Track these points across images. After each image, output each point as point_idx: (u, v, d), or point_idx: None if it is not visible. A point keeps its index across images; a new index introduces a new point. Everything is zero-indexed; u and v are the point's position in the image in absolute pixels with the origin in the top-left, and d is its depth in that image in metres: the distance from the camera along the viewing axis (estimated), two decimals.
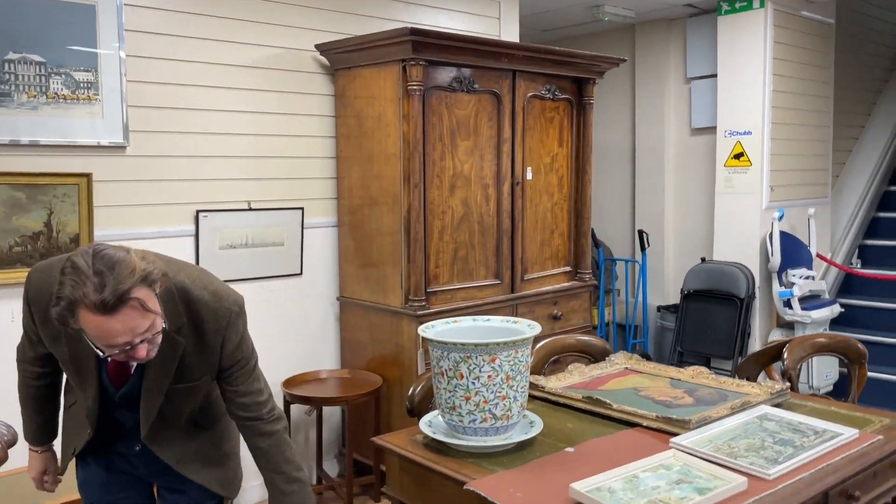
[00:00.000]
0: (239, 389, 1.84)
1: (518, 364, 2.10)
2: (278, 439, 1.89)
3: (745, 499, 1.75)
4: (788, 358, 2.77)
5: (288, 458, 1.90)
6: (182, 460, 1.89)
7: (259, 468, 1.90)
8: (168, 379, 1.77)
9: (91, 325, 1.50)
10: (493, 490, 1.85)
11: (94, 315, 1.48)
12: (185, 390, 1.82)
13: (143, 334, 1.55)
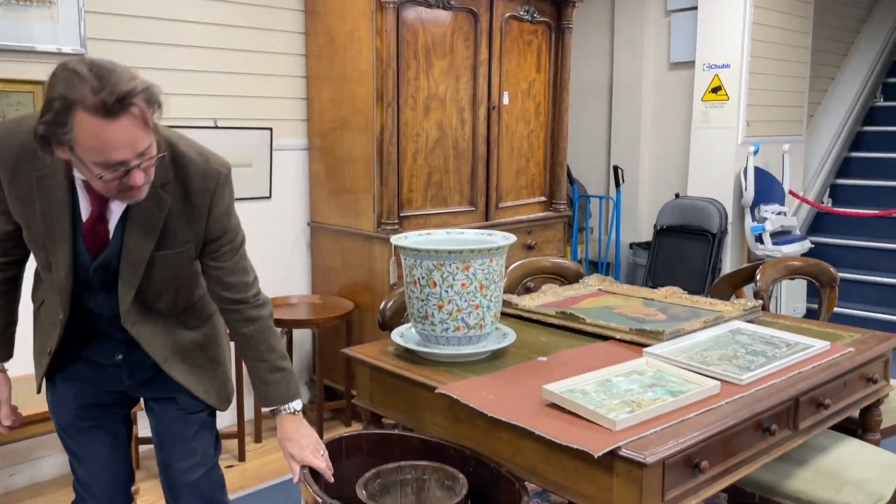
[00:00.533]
0: (225, 266, 1.69)
1: (492, 273, 2.05)
2: (263, 325, 1.76)
3: (718, 401, 1.75)
4: (761, 279, 2.77)
5: (272, 346, 1.78)
6: (169, 360, 1.73)
7: (243, 359, 1.79)
8: (151, 243, 1.59)
9: (88, 132, 1.32)
10: (465, 393, 1.82)
11: (93, 118, 1.31)
12: (168, 259, 1.64)
13: (141, 155, 1.38)
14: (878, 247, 5.36)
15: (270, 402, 1.76)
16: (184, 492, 1.68)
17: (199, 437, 1.75)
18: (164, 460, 1.76)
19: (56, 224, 1.54)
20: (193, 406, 1.77)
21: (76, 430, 1.76)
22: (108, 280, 1.62)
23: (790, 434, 1.90)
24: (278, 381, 1.76)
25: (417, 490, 1.83)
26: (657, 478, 1.53)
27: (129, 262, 1.60)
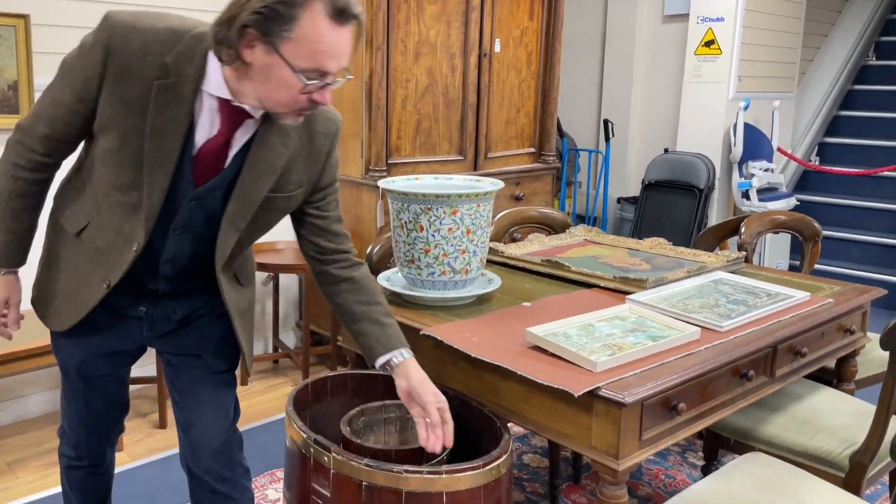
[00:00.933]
0: (330, 215, 1.63)
1: (479, 218, 2.06)
2: (368, 272, 1.70)
3: (697, 347, 1.78)
4: (746, 232, 2.79)
5: (380, 290, 1.71)
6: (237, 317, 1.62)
7: (351, 311, 1.67)
8: (269, 182, 1.47)
9: (315, 31, 1.26)
10: (450, 335, 1.84)
11: (325, 18, 1.25)
12: (277, 203, 1.53)
13: (339, 73, 1.34)
14: (863, 205, 5.40)
15: (391, 345, 1.65)
16: (205, 454, 1.64)
17: (223, 399, 1.67)
18: (187, 420, 1.66)
19: (166, 141, 1.37)
20: (218, 365, 1.67)
21: (81, 376, 1.66)
22: (196, 216, 1.48)
23: (767, 380, 1.94)
24: (394, 325, 1.69)
25: (401, 428, 1.86)
26: (635, 418, 1.56)
27: (241, 200, 1.47)
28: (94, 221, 1.49)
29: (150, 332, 1.62)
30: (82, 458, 1.77)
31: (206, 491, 1.65)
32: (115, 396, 1.73)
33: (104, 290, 1.50)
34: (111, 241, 1.48)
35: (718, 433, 2.14)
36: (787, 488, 1.72)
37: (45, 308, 1.61)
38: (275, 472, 2.65)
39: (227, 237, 1.51)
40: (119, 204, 1.44)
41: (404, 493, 1.48)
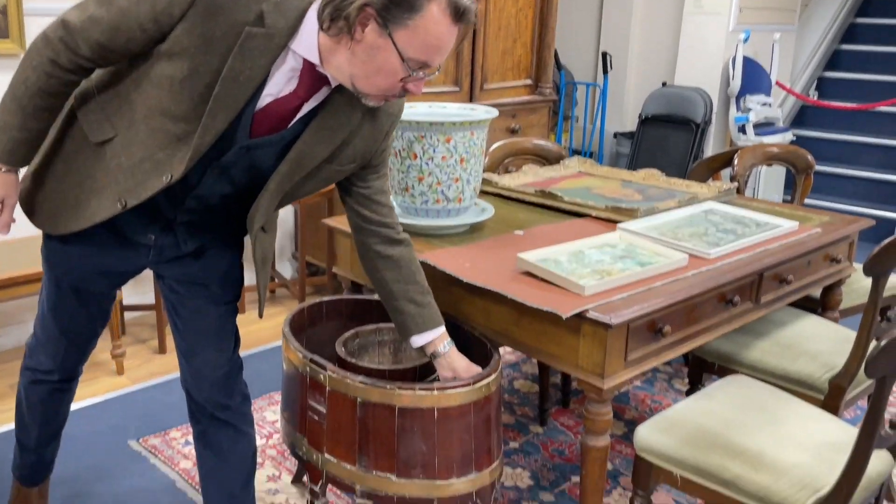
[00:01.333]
0: (375, 186, 1.63)
1: (473, 147, 2.07)
2: (410, 248, 1.70)
3: (684, 273, 1.82)
4: (739, 164, 2.80)
5: (421, 270, 1.71)
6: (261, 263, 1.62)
7: (388, 289, 1.69)
8: (327, 150, 1.47)
9: (434, 27, 1.28)
10: (442, 261, 1.88)
11: (447, 16, 1.28)
12: (328, 173, 1.53)
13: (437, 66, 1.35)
14: (859, 141, 5.39)
15: (427, 325, 1.68)
16: (207, 384, 1.67)
17: (226, 328, 1.68)
18: (189, 348, 1.67)
19: (238, 89, 1.34)
20: (224, 296, 1.67)
21: (73, 289, 1.63)
22: (240, 163, 1.45)
23: (752, 307, 1.99)
24: (432, 304, 1.70)
25: (394, 351, 1.92)
26: (621, 339, 1.61)
27: (295, 163, 1.46)
28: (122, 137, 1.42)
29: (156, 257, 1.60)
30: (53, 371, 1.75)
31: (206, 416, 1.70)
32: (103, 312, 1.72)
33: (118, 209, 1.44)
34: (137, 164, 1.41)
35: (703, 358, 2.20)
36: (767, 407, 1.78)
37: (38, 205, 1.52)
38: (272, 395, 2.73)
39: (272, 197, 1.50)
40: (162, 131, 1.39)
41: (397, 409, 1.54)
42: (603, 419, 1.65)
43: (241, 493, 1.73)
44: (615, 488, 2.28)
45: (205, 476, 1.74)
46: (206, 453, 1.72)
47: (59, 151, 1.49)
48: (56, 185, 1.50)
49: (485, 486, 1.63)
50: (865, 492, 1.57)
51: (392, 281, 1.68)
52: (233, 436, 1.70)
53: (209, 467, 1.72)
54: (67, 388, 1.82)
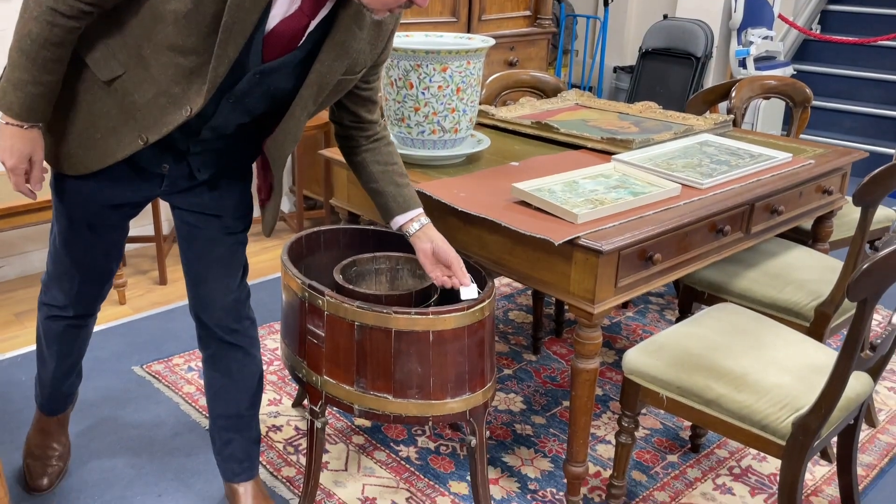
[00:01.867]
0: (375, 86, 1.66)
1: (469, 77, 2.06)
2: (389, 135, 1.77)
3: (677, 202, 1.84)
4: (736, 96, 2.79)
5: (398, 153, 1.77)
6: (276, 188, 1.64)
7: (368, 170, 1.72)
8: (343, 65, 1.47)
9: None
10: (438, 191, 1.90)
11: None
12: (344, 84, 1.54)
13: None
14: (859, 76, 5.34)
15: (408, 205, 1.72)
16: (217, 309, 1.71)
17: (236, 258, 1.71)
18: (199, 275, 1.69)
19: (246, 14, 1.32)
20: (236, 226, 1.69)
21: (88, 224, 1.63)
22: (255, 89, 1.45)
23: (742, 236, 2.02)
24: (410, 186, 1.75)
25: (391, 278, 1.96)
26: (611, 266, 1.65)
27: (316, 84, 1.46)
28: (130, 73, 1.41)
29: (169, 187, 1.60)
30: (67, 308, 1.75)
31: (216, 340, 1.74)
32: (117, 246, 1.74)
33: (139, 145, 1.45)
34: (152, 99, 1.41)
35: (693, 287, 2.25)
36: (753, 332, 1.84)
37: (55, 147, 1.51)
38: (272, 325, 2.79)
39: (297, 122, 1.51)
40: (174, 65, 1.37)
41: (393, 332, 1.59)
42: (592, 343, 1.70)
43: (248, 413, 1.80)
44: (605, 412, 2.36)
45: (213, 397, 1.80)
46: (215, 376, 1.78)
47: (70, 94, 1.48)
48: (71, 127, 1.49)
49: (478, 406, 1.69)
50: (844, 412, 1.64)
51: (372, 162, 1.72)
52: (241, 358, 1.76)
53: (217, 388, 1.78)
54: (84, 324, 1.83)
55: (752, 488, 2.04)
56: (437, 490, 1.99)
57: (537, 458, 2.13)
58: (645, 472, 2.09)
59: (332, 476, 2.03)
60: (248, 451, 1.82)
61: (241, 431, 1.80)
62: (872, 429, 2.31)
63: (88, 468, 2.01)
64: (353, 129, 1.71)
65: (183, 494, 1.95)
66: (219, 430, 1.81)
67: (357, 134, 1.71)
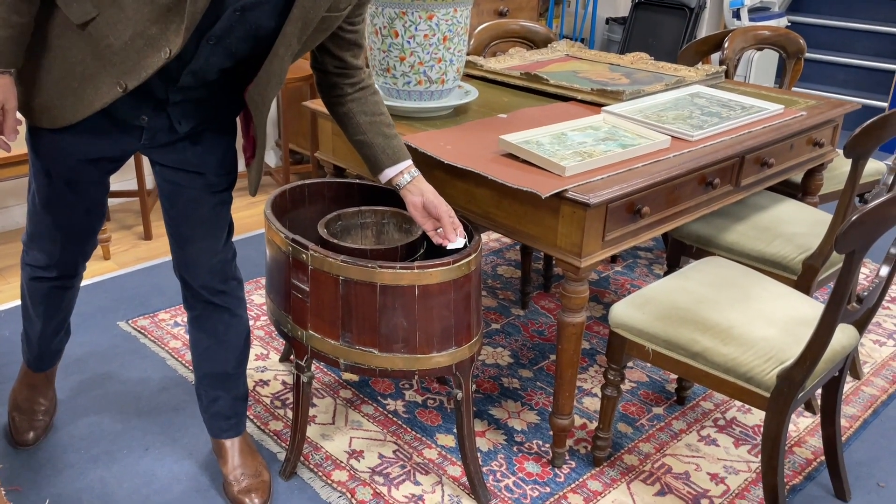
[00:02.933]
0: (360, 29, 1.58)
1: (456, 25, 2.01)
2: (374, 83, 1.70)
3: (666, 154, 1.82)
4: (729, 47, 2.75)
5: (382, 100, 1.70)
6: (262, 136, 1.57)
7: (355, 121, 1.67)
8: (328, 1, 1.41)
9: None
10: (424, 143, 1.87)
11: None
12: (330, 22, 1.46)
13: None
14: (854, 27, 5.26)
15: (398, 157, 1.67)
16: (203, 270, 1.67)
17: (221, 218, 1.66)
18: (183, 236, 1.65)
19: None
20: (220, 184, 1.64)
21: (66, 181, 1.58)
22: (235, 29, 1.38)
23: (731, 189, 2.00)
24: (399, 136, 1.69)
25: (377, 233, 1.93)
26: (599, 219, 1.63)
27: (300, 21, 1.39)
28: (104, 15, 1.34)
29: (149, 141, 1.55)
30: (50, 268, 1.72)
31: (201, 301, 1.71)
32: (98, 203, 1.68)
33: (118, 93, 1.38)
34: (129, 42, 1.34)
35: (681, 241, 2.24)
36: (740, 285, 1.83)
37: (31, 101, 1.45)
38: (259, 280, 2.77)
39: (281, 62, 1.44)
40: (148, 3, 1.31)
41: (378, 287, 1.57)
42: (579, 297, 1.69)
43: (235, 373, 1.79)
44: (591, 366, 2.37)
45: (199, 357, 1.78)
46: (202, 336, 1.75)
47: (42, 41, 1.41)
48: (46, 77, 1.42)
49: (464, 360, 1.69)
50: (829, 364, 1.65)
51: (359, 113, 1.66)
52: (228, 320, 1.73)
53: (204, 349, 1.76)
54: (69, 285, 1.79)
55: (737, 440, 2.06)
56: (424, 443, 2.00)
57: (524, 410, 2.15)
58: (630, 424, 2.11)
59: (320, 429, 2.03)
60: (236, 408, 1.82)
61: (229, 389, 1.79)
62: (857, 381, 2.33)
63: (75, 424, 2.01)
64: (338, 77, 1.64)
65: (170, 449, 1.95)
66: (205, 389, 1.80)
67: (341, 82, 1.65)
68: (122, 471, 1.87)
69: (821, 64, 5.20)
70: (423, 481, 1.87)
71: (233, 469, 1.80)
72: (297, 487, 1.84)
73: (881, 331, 2.62)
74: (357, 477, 1.87)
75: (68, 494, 1.79)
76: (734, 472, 1.94)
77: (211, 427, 1.84)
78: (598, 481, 1.89)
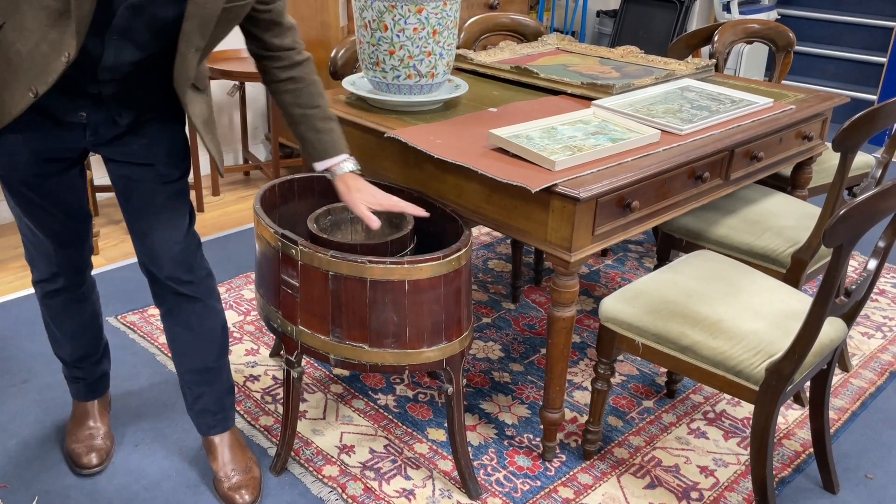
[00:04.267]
0: (275, 8, 1.54)
1: (446, 19, 2.00)
2: (312, 68, 1.64)
3: (656, 148, 1.82)
4: (718, 41, 2.75)
5: (322, 92, 1.67)
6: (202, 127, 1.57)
7: (290, 113, 1.67)
8: None
9: None
10: (414, 137, 1.86)
11: None
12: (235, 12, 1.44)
13: None
14: (844, 20, 5.28)
15: (328, 153, 1.67)
16: (166, 261, 1.65)
17: (178, 206, 1.65)
18: (142, 230, 1.65)
19: None
20: (171, 174, 1.63)
21: (27, 185, 1.57)
22: (135, 23, 1.37)
23: (721, 183, 2.00)
24: (333, 130, 1.67)
25: (367, 227, 1.92)
26: (589, 213, 1.63)
27: (197, 17, 1.38)
28: (10, 22, 1.36)
29: (93, 137, 1.54)
30: (55, 278, 1.72)
31: (171, 293, 1.69)
32: (74, 205, 1.65)
33: (31, 99, 1.39)
34: (35, 47, 1.36)
35: (671, 234, 2.24)
36: (729, 278, 1.84)
37: None
38: (248, 274, 2.76)
39: (187, 59, 1.43)
40: (42, 7, 1.33)
41: (368, 282, 1.57)
42: (569, 291, 1.70)
43: (216, 365, 1.78)
44: (582, 359, 2.38)
45: (177, 353, 1.77)
46: (176, 329, 1.74)
47: None
48: None
49: (454, 354, 1.69)
50: (817, 357, 1.65)
51: (293, 105, 1.66)
52: (200, 311, 1.72)
53: (181, 342, 1.75)
54: (82, 297, 1.78)
55: (726, 432, 2.07)
56: (415, 437, 2.00)
57: (515, 404, 2.15)
58: (621, 417, 2.11)
59: (311, 424, 2.03)
60: (221, 403, 1.81)
61: (212, 384, 1.78)
62: (845, 373, 2.34)
63: (64, 420, 2.00)
64: (266, 60, 1.62)
65: (160, 444, 1.94)
66: (189, 385, 1.79)
67: (270, 66, 1.62)
68: (111, 467, 1.86)
69: (810, 57, 5.21)
70: (414, 476, 1.87)
71: (223, 465, 1.80)
72: (287, 483, 1.83)
73: (869, 323, 2.63)
74: (348, 472, 1.87)
75: (56, 491, 1.78)
76: (723, 465, 1.95)
77: (199, 424, 1.83)
78: (588, 475, 1.90)
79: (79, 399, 1.93)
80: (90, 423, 1.91)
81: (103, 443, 1.89)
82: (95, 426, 1.91)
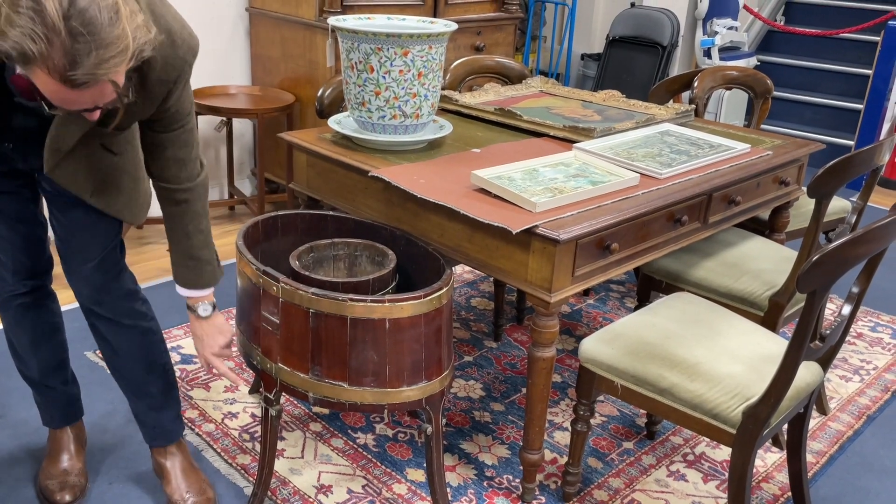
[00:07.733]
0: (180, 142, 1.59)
1: (431, 61, 2.04)
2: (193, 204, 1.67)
3: (635, 192, 1.85)
4: (698, 86, 2.81)
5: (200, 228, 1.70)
6: (95, 193, 1.60)
7: (168, 232, 1.70)
8: (86, 127, 1.47)
9: (47, 87, 1.17)
10: (397, 177, 1.88)
11: (54, 83, 1.15)
12: (108, 134, 1.52)
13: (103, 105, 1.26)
14: (821, 67, 5.41)
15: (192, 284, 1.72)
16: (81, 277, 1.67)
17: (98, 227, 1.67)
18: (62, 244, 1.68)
19: None
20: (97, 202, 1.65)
21: None
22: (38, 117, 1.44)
23: (699, 226, 2.03)
24: (201, 264, 1.72)
25: (349, 265, 1.93)
26: (569, 255, 1.65)
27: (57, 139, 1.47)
28: None
29: (24, 164, 1.58)
30: (14, 279, 1.72)
31: (87, 312, 1.73)
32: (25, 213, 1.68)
33: None
34: None
35: (651, 276, 2.27)
36: (707, 321, 1.86)
37: None
38: (230, 310, 2.75)
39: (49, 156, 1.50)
40: None
41: (349, 320, 1.57)
42: (549, 331, 1.71)
43: (148, 378, 1.80)
44: (563, 399, 2.37)
45: (110, 368, 1.82)
46: (103, 345, 1.79)
47: None
48: None
49: (434, 394, 1.69)
50: (794, 401, 1.67)
51: (169, 230, 1.70)
52: (115, 329, 1.74)
53: (108, 358, 1.80)
54: (39, 304, 1.79)
55: (705, 475, 2.07)
56: (394, 477, 1.98)
57: (495, 444, 2.14)
58: (601, 458, 2.11)
59: (288, 463, 2.01)
60: (158, 418, 1.84)
61: (141, 398, 1.81)
62: (823, 416, 2.35)
63: (39, 458, 1.97)
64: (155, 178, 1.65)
65: (134, 483, 1.92)
66: (129, 400, 1.84)
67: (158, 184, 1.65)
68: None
69: (789, 102, 5.33)
70: None
71: (176, 488, 1.81)
72: None
73: (847, 366, 2.66)
74: None
75: None
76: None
77: (143, 434, 1.87)
78: None
79: (52, 426, 1.91)
80: (64, 457, 1.89)
81: (77, 480, 1.87)
82: (70, 462, 1.89)
